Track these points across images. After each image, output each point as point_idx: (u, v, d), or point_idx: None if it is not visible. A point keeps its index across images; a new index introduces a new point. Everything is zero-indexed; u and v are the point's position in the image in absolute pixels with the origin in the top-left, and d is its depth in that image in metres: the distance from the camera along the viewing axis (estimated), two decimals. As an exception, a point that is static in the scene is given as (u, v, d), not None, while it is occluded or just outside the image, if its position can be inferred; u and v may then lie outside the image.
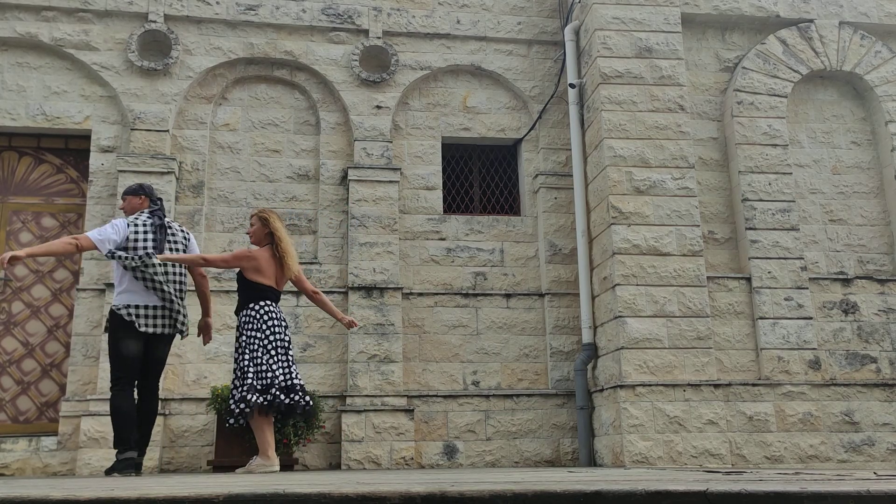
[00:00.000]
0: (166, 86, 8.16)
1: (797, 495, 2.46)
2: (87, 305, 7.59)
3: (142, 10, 8.21)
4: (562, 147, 8.70)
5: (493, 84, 8.87)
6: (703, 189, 8.16)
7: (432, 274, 8.29)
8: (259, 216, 5.99)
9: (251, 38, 8.43)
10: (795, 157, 8.46)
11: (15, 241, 7.92)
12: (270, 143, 8.37)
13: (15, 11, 8.05)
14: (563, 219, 8.50)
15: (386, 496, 2.35)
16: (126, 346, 5.37)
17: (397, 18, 8.68)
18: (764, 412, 7.37)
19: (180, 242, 5.72)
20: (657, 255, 7.55)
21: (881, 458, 7.45)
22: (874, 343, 7.89)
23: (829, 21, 8.62)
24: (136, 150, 7.91)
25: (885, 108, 8.49)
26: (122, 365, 5.38)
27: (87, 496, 2.32)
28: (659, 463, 7.01)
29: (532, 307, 8.31)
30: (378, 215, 8.15)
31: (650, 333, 7.33)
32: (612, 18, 8.08)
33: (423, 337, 8.09)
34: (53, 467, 7.27)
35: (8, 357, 7.68)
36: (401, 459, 7.54)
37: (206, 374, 7.64)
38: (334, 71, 8.50)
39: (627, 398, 7.13)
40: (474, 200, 8.82)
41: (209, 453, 7.35)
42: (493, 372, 8.10)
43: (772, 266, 7.83)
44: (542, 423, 7.94)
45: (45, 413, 7.66)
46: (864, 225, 8.43)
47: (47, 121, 8.00)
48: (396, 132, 8.59)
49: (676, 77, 8.03)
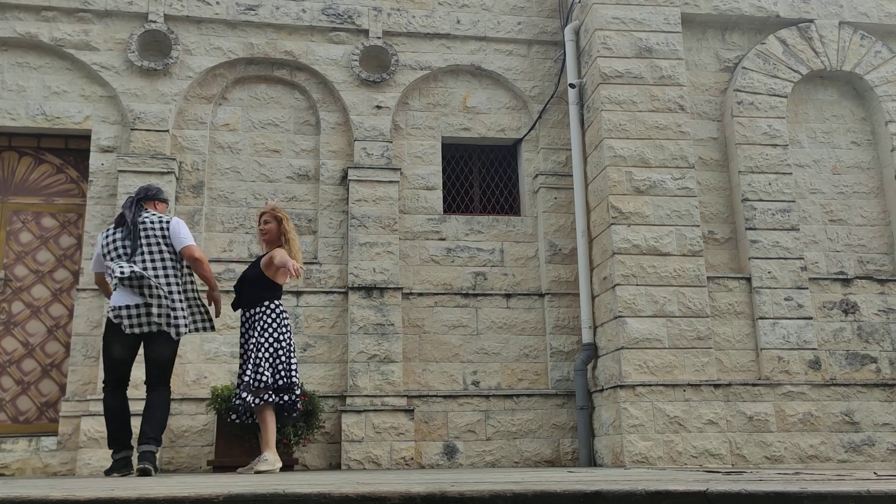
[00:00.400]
0: (166, 86, 8.16)
1: (797, 495, 2.46)
2: (87, 305, 7.59)
3: (142, 10, 8.21)
4: (562, 147, 8.70)
5: (493, 84, 8.87)
6: (703, 189, 8.16)
7: (432, 274, 8.29)
8: (275, 215, 6.00)
9: (251, 38, 8.43)
10: (795, 157, 8.46)
11: (15, 240, 7.92)
12: (270, 143, 8.37)
13: (15, 11, 8.05)
14: (563, 219, 8.49)
15: (386, 496, 2.35)
16: (111, 349, 5.39)
17: (397, 18, 8.68)
18: (764, 412, 7.37)
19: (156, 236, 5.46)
20: (657, 255, 7.54)
21: (881, 458, 7.45)
22: (874, 343, 7.89)
23: (829, 21, 8.62)
24: (136, 150, 7.91)
25: (885, 108, 8.49)
26: (108, 367, 5.44)
27: (87, 496, 2.32)
28: (659, 463, 7.01)
29: (532, 307, 8.31)
30: (378, 215, 8.15)
31: (650, 333, 7.33)
32: (612, 18, 8.08)
33: (423, 337, 8.09)
34: (53, 467, 7.26)
35: (8, 357, 7.68)
36: (401, 459, 7.54)
37: (206, 374, 7.63)
38: (334, 71, 8.50)
39: (627, 398, 7.13)
40: (474, 200, 8.82)
41: (209, 453, 7.35)
42: (493, 372, 8.10)
43: (772, 266, 7.83)
44: (542, 423, 7.94)
45: (45, 413, 7.66)
46: (864, 225, 8.43)
47: (47, 121, 8.00)
48: (396, 132, 8.59)
49: (676, 77, 8.03)
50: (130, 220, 5.47)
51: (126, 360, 5.45)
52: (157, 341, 5.44)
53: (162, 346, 5.45)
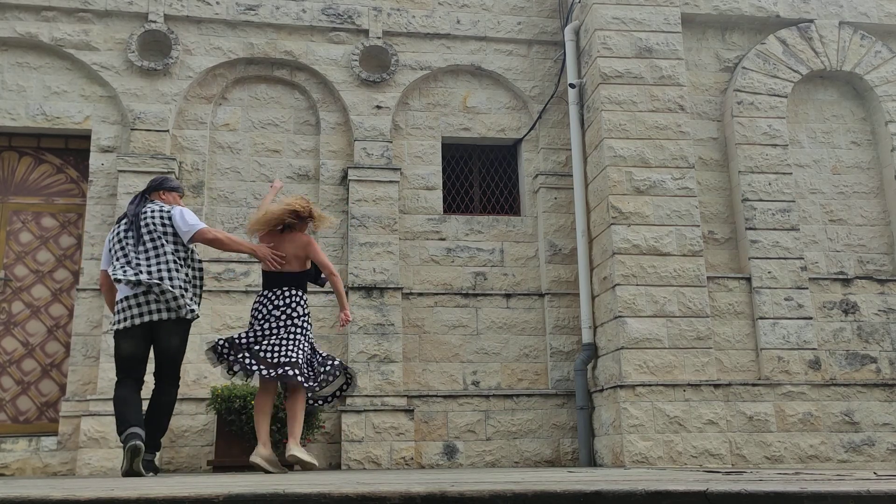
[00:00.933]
0: (166, 86, 8.16)
1: (797, 495, 2.46)
2: (87, 305, 7.59)
3: (142, 10, 8.21)
4: (562, 147, 8.70)
5: (493, 84, 8.87)
6: (703, 189, 8.16)
7: (432, 274, 8.29)
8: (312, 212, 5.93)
9: (251, 38, 8.43)
10: (795, 157, 8.46)
11: (15, 241, 7.92)
12: (270, 143, 8.38)
13: (15, 11, 8.05)
14: (563, 219, 8.50)
15: (386, 496, 2.35)
16: (119, 345, 5.29)
17: (397, 18, 8.68)
18: (764, 412, 7.37)
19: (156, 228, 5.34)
20: (657, 255, 7.54)
21: (881, 458, 7.45)
22: (874, 343, 7.89)
23: (829, 21, 8.62)
24: (136, 150, 7.91)
25: (885, 108, 8.49)
26: (118, 363, 5.33)
27: (87, 496, 2.32)
28: (659, 463, 7.01)
29: (532, 307, 8.31)
30: (378, 215, 8.15)
31: (650, 333, 7.33)
32: (612, 18, 8.08)
33: (423, 337, 8.09)
34: (53, 467, 7.27)
35: (8, 357, 7.68)
36: (401, 459, 7.54)
37: (205, 374, 7.63)
38: (334, 71, 8.50)
39: (627, 398, 7.13)
40: (474, 200, 8.82)
41: (209, 453, 7.35)
42: (493, 372, 8.10)
43: (772, 266, 7.83)
44: (542, 423, 7.94)
45: (45, 413, 7.66)
46: (864, 225, 8.43)
47: (47, 121, 8.00)
48: (396, 132, 8.59)
49: (676, 77, 8.03)
50: (132, 214, 5.39)
51: (135, 355, 5.29)
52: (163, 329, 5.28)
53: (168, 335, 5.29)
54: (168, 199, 5.60)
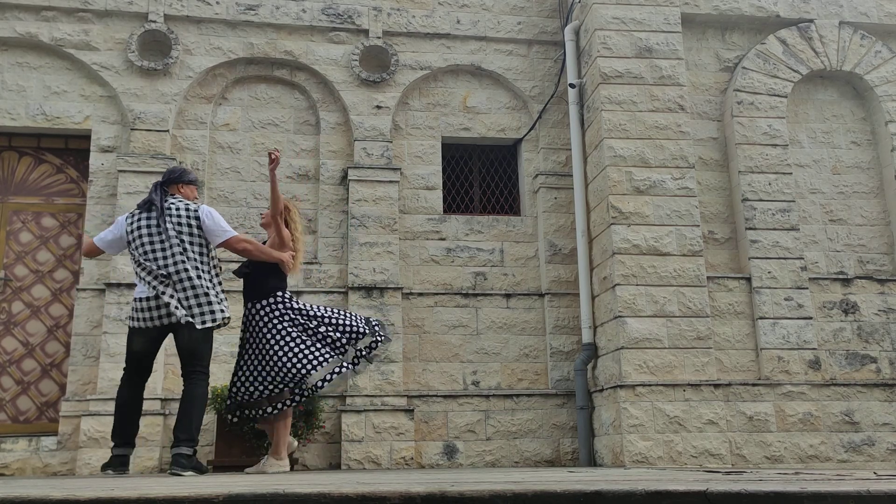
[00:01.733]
0: (166, 86, 8.16)
1: (797, 495, 2.46)
2: (88, 305, 7.59)
3: (142, 10, 8.21)
4: (562, 147, 8.70)
5: (493, 84, 8.87)
6: (703, 189, 8.16)
7: (432, 274, 8.29)
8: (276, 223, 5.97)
9: (251, 38, 8.43)
10: (795, 157, 8.46)
11: (15, 240, 7.92)
12: (270, 143, 8.37)
13: (15, 11, 8.05)
14: (563, 219, 8.50)
15: (386, 496, 2.35)
16: (132, 340, 5.31)
17: (397, 18, 8.68)
18: (764, 412, 7.37)
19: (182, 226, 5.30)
20: (657, 255, 7.54)
21: (881, 458, 7.45)
22: (874, 343, 7.89)
23: (829, 21, 8.62)
24: (136, 150, 7.91)
25: (885, 108, 8.49)
26: (128, 357, 5.34)
27: (87, 496, 2.32)
28: (659, 463, 7.01)
29: (532, 307, 8.31)
30: (378, 215, 8.15)
31: (650, 333, 7.33)
32: (612, 18, 8.08)
33: (423, 337, 8.09)
34: (53, 467, 7.27)
35: (8, 357, 7.68)
36: (401, 459, 7.54)
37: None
38: (334, 71, 8.50)
39: (627, 398, 7.13)
40: (474, 200, 8.82)
41: (209, 453, 7.35)
42: (493, 372, 8.10)
43: (772, 266, 7.83)
44: (542, 423, 7.94)
45: (45, 413, 7.66)
46: (864, 225, 8.43)
47: (47, 121, 8.00)
48: (396, 132, 8.59)
49: (676, 77, 8.03)
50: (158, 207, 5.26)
51: (146, 352, 5.30)
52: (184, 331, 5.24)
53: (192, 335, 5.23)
54: (187, 194, 5.55)
